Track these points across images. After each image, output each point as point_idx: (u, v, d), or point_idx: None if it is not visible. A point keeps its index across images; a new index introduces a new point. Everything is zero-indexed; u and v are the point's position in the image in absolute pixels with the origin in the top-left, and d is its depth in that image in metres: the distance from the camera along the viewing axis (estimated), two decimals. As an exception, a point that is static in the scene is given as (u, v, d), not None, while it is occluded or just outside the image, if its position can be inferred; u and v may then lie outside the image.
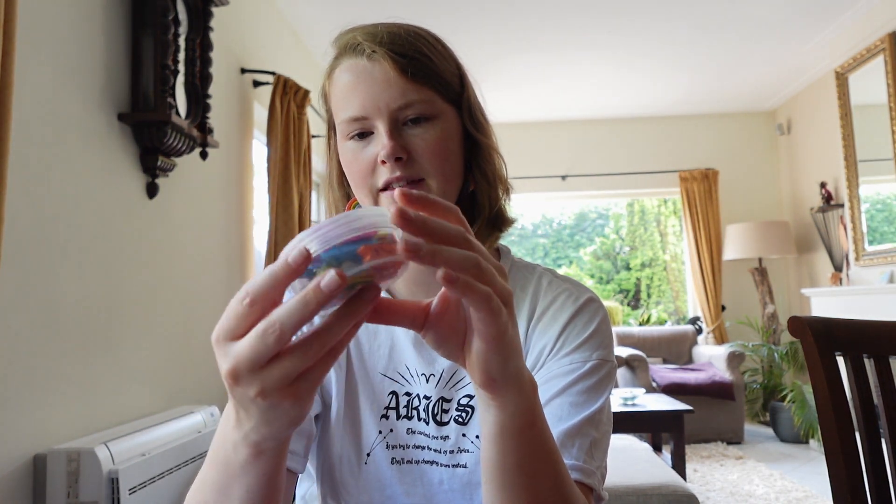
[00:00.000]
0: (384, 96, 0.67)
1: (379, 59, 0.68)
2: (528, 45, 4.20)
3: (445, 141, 0.70)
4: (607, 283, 9.31)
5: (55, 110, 1.62)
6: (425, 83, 0.69)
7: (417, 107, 0.68)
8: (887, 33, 3.67)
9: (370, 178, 0.69)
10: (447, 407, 0.73)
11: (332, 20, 3.68)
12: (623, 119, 5.81)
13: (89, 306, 1.74)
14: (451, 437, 0.72)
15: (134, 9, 1.97)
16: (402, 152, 0.67)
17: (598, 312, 0.75)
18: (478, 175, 0.75)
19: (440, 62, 0.71)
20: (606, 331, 0.75)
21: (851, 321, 0.98)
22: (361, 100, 0.68)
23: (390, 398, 0.75)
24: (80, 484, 1.51)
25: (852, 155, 4.18)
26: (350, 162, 0.71)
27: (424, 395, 0.74)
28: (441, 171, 0.69)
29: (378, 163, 0.68)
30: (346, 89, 0.69)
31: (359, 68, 0.69)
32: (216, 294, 2.58)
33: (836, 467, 0.91)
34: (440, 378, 0.74)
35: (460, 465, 0.72)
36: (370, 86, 0.68)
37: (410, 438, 0.73)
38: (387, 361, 0.76)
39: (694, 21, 3.90)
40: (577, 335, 0.72)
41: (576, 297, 0.75)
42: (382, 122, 0.68)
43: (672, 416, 3.18)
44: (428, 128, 0.69)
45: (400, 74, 0.67)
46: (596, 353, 0.72)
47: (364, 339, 0.78)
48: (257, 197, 3.13)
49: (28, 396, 1.50)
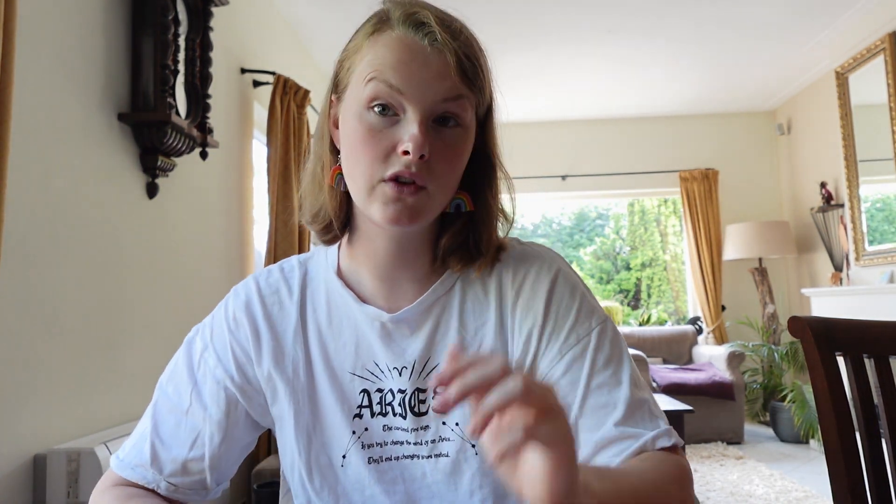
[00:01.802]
0: (433, 86, 0.63)
1: (442, 50, 0.64)
2: (527, 44, 4.20)
3: (462, 153, 0.68)
4: (607, 283, 9.31)
5: (55, 110, 1.62)
6: (474, 91, 0.66)
7: (457, 110, 0.65)
8: (887, 33, 3.67)
9: (381, 163, 0.64)
10: (423, 397, 0.72)
11: (332, 20, 3.70)
12: (623, 119, 5.81)
13: (89, 306, 1.74)
14: (430, 426, 0.71)
15: (134, 9, 1.97)
16: (428, 151, 0.63)
17: (570, 276, 0.75)
18: (483, 200, 0.72)
19: (486, 77, 0.69)
20: (586, 290, 0.75)
21: (851, 321, 0.98)
22: (408, 77, 0.63)
23: (362, 396, 0.72)
24: (80, 484, 1.51)
25: (852, 155, 4.18)
26: (363, 137, 0.65)
27: (399, 388, 0.72)
28: (446, 183, 0.67)
29: (396, 151, 0.64)
30: (392, 60, 0.64)
31: (417, 48, 0.64)
32: (216, 293, 2.58)
33: (836, 467, 0.91)
34: (412, 369, 0.72)
35: (442, 454, 0.70)
36: (422, 69, 0.63)
37: (387, 435, 0.72)
38: (354, 359, 0.73)
39: (694, 21, 3.90)
40: (566, 309, 0.71)
41: (548, 267, 0.74)
42: (418, 111, 0.63)
43: (672, 416, 3.17)
44: (455, 135, 0.66)
45: (456, 72, 0.64)
46: (593, 318, 0.71)
47: (329, 338, 0.74)
48: (257, 197, 3.13)
49: (28, 396, 1.50)
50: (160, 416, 0.73)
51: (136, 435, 0.74)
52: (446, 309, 0.73)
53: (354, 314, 0.74)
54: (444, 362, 0.43)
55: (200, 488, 0.74)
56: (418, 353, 0.72)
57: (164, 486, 0.72)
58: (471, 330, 0.73)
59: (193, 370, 0.74)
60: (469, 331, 0.73)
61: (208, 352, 0.74)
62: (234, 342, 0.74)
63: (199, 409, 0.73)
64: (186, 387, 0.74)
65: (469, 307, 0.74)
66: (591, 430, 0.65)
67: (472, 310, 0.74)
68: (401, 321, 0.72)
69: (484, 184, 0.73)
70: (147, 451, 0.72)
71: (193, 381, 0.74)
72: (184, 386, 0.74)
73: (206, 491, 0.75)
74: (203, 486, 0.74)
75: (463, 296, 0.74)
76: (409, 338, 0.73)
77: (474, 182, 0.73)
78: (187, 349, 0.76)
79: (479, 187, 0.73)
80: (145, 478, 0.72)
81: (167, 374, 0.76)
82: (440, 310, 0.73)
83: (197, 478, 0.73)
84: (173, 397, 0.74)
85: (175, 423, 0.73)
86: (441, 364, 0.72)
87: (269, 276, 0.78)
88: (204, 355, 0.75)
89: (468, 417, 0.68)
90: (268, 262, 2.98)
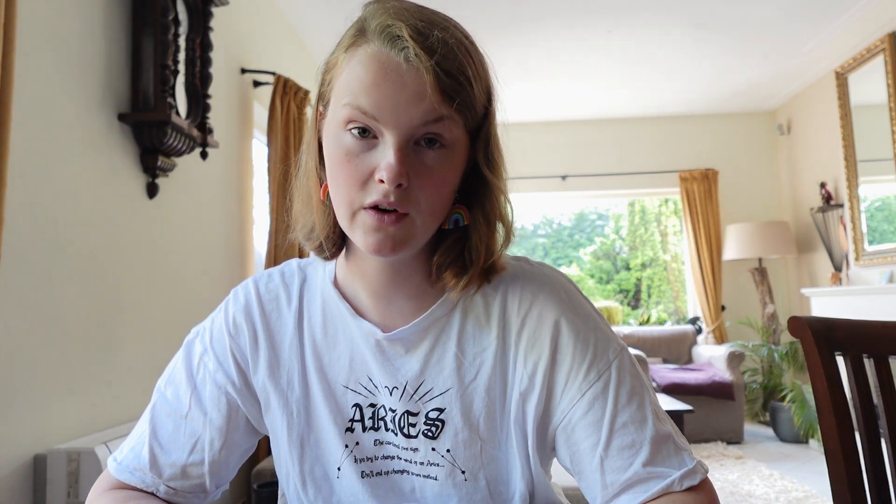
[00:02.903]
0: (409, 110, 0.58)
1: (419, 68, 0.58)
2: (527, 44, 4.20)
3: (447, 175, 0.63)
4: (607, 283, 9.31)
5: (55, 110, 1.62)
6: (458, 109, 0.60)
7: (440, 131, 0.60)
8: (887, 33, 3.67)
9: (358, 190, 0.61)
10: (414, 421, 0.69)
11: (332, 20, 3.70)
12: (623, 119, 5.81)
13: (89, 306, 1.74)
14: (420, 449, 0.69)
15: (134, 9, 1.97)
16: (406, 178, 0.59)
17: (583, 305, 0.71)
18: (478, 215, 0.67)
19: (476, 87, 0.62)
20: (598, 317, 0.71)
21: (851, 321, 0.98)
22: (380, 100, 0.59)
23: (354, 410, 0.71)
24: (80, 484, 1.51)
25: (852, 155, 4.18)
26: (341, 160, 0.61)
27: (390, 407, 0.70)
28: (431, 208, 0.62)
29: (374, 178, 0.60)
30: (366, 81, 0.59)
31: (391, 66, 0.58)
32: (216, 294, 2.58)
33: (836, 467, 0.91)
34: (403, 391, 0.69)
35: (431, 476, 0.70)
36: (397, 91, 0.58)
37: (379, 450, 0.71)
38: (348, 373, 0.71)
39: (694, 21, 3.90)
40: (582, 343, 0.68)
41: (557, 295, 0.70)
42: (395, 136, 0.59)
43: (672, 416, 3.17)
44: (439, 157, 0.61)
45: (437, 93, 0.58)
46: (610, 349, 0.68)
47: (324, 350, 0.72)
48: (257, 197, 3.13)
49: (28, 396, 1.50)
50: (158, 419, 0.72)
51: (134, 438, 0.73)
52: (444, 331, 0.70)
53: (350, 327, 0.72)
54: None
55: (200, 492, 0.73)
56: (412, 374, 0.70)
57: (162, 490, 0.71)
58: (469, 355, 0.70)
59: (193, 374, 0.73)
60: (467, 356, 0.70)
61: (208, 355, 0.74)
62: (234, 346, 0.73)
63: (199, 414, 0.72)
64: (185, 390, 0.73)
65: (469, 331, 0.70)
66: (619, 472, 0.64)
67: (472, 334, 0.70)
68: (395, 340, 0.70)
69: (474, 198, 0.68)
70: (145, 455, 0.71)
71: (193, 384, 0.73)
72: (183, 389, 0.73)
73: (206, 494, 0.74)
74: (202, 489, 0.73)
75: (463, 319, 0.70)
76: (404, 357, 0.70)
77: (470, 194, 0.69)
78: (186, 352, 0.75)
79: (473, 199, 0.68)
80: (144, 481, 0.71)
81: (165, 377, 0.75)
82: (438, 332, 0.70)
83: (196, 482, 0.72)
84: (172, 401, 0.73)
85: (174, 427, 0.72)
86: (434, 389, 0.69)
87: (270, 280, 0.76)
88: (203, 359, 0.74)
89: (460, 444, 0.69)
90: (268, 262, 2.98)
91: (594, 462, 0.65)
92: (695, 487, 0.63)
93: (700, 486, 0.64)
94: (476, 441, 0.69)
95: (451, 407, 0.69)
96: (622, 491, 0.64)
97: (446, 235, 0.69)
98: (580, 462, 0.67)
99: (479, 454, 0.69)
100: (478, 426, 0.69)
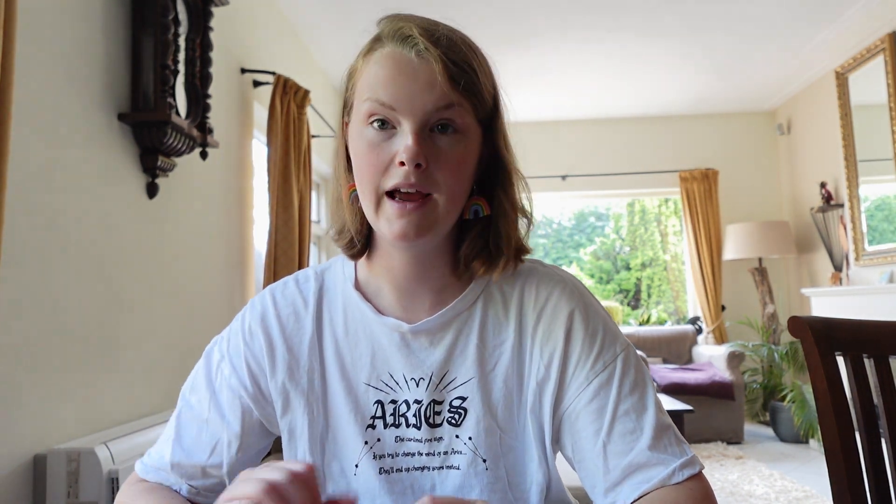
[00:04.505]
0: (423, 97, 0.65)
1: (429, 60, 0.65)
2: (527, 44, 4.20)
3: (465, 159, 0.69)
4: (607, 283, 9.31)
5: (55, 110, 1.62)
6: (466, 96, 0.66)
7: (451, 116, 0.66)
8: (887, 33, 3.67)
9: (381, 176, 0.66)
10: (439, 409, 0.73)
11: (332, 20, 3.70)
12: (623, 119, 5.81)
13: (89, 306, 1.74)
14: (444, 437, 0.73)
15: (134, 9, 1.97)
16: (423, 160, 0.65)
17: (593, 303, 0.76)
18: (502, 201, 0.74)
19: (483, 79, 0.69)
20: (607, 316, 0.76)
21: (852, 321, 0.98)
22: (396, 92, 0.65)
23: (376, 407, 0.74)
24: (80, 484, 1.51)
25: (852, 155, 4.18)
26: (364, 151, 0.68)
27: (414, 399, 0.73)
28: (451, 189, 0.67)
29: (394, 163, 0.66)
30: (383, 77, 0.66)
31: (404, 61, 0.66)
32: (216, 294, 2.58)
33: (836, 467, 0.91)
34: (430, 381, 0.73)
35: (453, 466, 0.72)
36: (411, 82, 0.65)
37: (399, 447, 0.73)
38: (370, 370, 0.75)
39: (694, 21, 3.90)
40: (591, 336, 0.73)
41: (570, 293, 0.75)
42: (411, 122, 0.65)
43: (672, 416, 3.17)
44: (454, 141, 0.67)
45: (446, 80, 0.65)
46: (616, 344, 0.73)
47: (345, 349, 0.76)
48: (257, 197, 3.13)
49: (28, 396, 1.50)
50: (183, 424, 0.77)
51: (161, 441, 0.79)
52: (467, 323, 0.75)
53: (372, 326, 0.75)
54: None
55: (220, 490, 0.77)
56: (437, 364, 0.74)
57: (185, 489, 0.76)
58: (489, 347, 0.74)
59: (212, 380, 0.78)
60: (488, 347, 0.74)
61: (224, 362, 0.78)
62: (248, 354, 0.77)
63: (218, 419, 0.76)
64: (205, 396, 0.77)
65: (489, 324, 0.75)
66: (621, 455, 0.67)
67: (492, 327, 0.75)
68: (420, 332, 0.74)
69: (497, 185, 0.74)
70: (169, 457, 0.76)
71: (212, 390, 0.77)
72: (203, 395, 0.77)
73: None
74: (222, 488, 0.76)
75: (484, 313, 0.75)
76: (428, 349, 0.74)
77: (489, 185, 0.74)
78: (206, 360, 0.80)
79: (493, 189, 0.74)
80: (168, 481, 0.76)
81: (189, 384, 0.80)
82: (461, 324, 0.75)
83: (216, 481, 0.76)
84: (195, 406, 0.77)
85: (197, 431, 0.76)
86: (458, 378, 0.74)
87: (285, 288, 0.80)
88: (221, 366, 0.78)
89: (481, 432, 0.71)
90: (268, 262, 2.98)
91: (597, 447, 0.68)
92: (694, 477, 0.66)
93: (698, 476, 0.66)
94: (495, 430, 0.72)
95: (473, 395, 0.73)
96: (624, 478, 0.66)
97: (469, 228, 0.74)
98: (582, 449, 0.70)
99: (498, 443, 0.72)
100: (496, 414, 0.72)
